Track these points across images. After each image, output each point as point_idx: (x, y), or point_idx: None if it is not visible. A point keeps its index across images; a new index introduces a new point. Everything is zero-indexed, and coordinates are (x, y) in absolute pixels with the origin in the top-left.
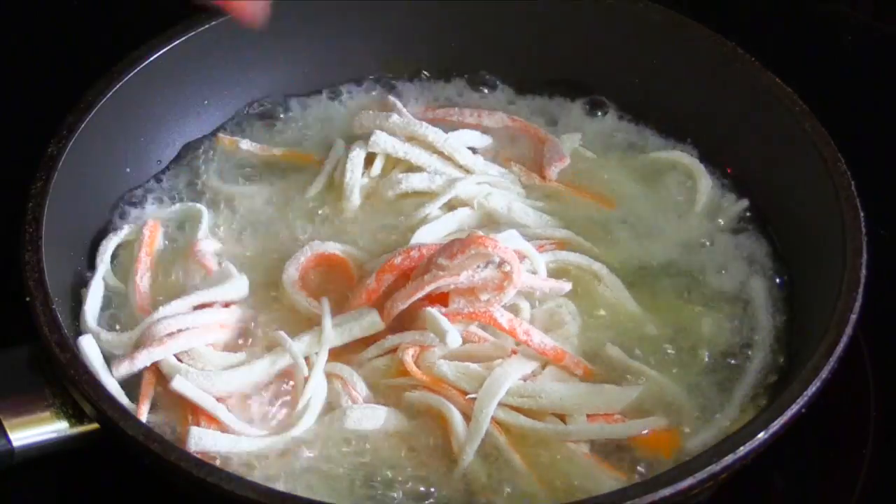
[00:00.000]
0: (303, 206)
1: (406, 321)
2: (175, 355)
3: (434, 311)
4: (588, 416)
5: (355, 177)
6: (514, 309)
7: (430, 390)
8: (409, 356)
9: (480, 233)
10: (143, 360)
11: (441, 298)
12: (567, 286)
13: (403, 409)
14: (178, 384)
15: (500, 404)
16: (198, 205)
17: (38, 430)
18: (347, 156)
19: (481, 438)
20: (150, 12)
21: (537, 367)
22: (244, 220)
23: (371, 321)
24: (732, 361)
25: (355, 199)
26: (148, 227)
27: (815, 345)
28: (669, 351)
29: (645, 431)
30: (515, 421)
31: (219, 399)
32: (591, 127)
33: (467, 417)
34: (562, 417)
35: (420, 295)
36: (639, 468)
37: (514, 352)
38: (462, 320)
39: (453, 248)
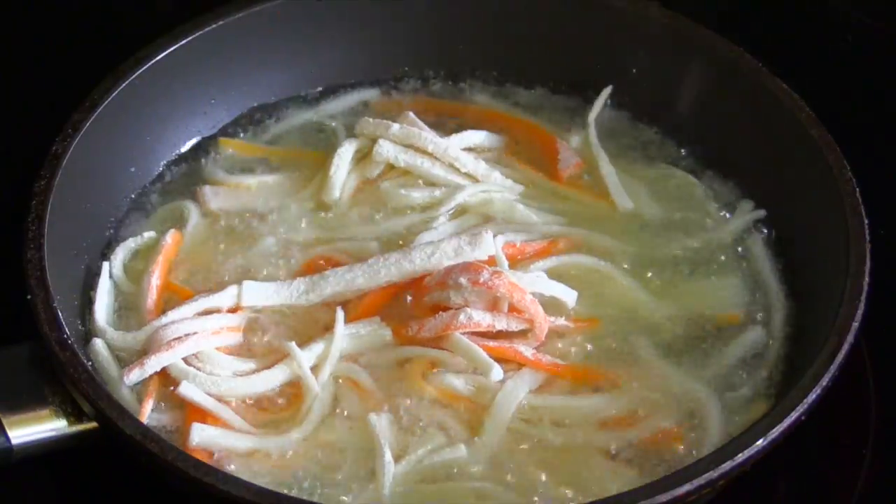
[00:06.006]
0: (304, 203)
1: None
2: (183, 358)
3: (471, 343)
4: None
5: (340, 172)
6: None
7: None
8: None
9: (510, 275)
10: (153, 365)
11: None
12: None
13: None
14: (185, 389)
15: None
16: (186, 202)
17: (37, 429)
18: (336, 150)
19: (493, 449)
20: (157, 11)
21: (546, 376)
22: (245, 218)
23: (383, 337)
24: (743, 357)
25: (336, 191)
26: (171, 234)
27: (817, 352)
28: (681, 343)
29: (665, 425)
30: (527, 429)
31: (224, 400)
32: (596, 128)
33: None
34: None
35: (451, 332)
36: (655, 465)
37: (522, 363)
38: (488, 354)
39: (479, 275)
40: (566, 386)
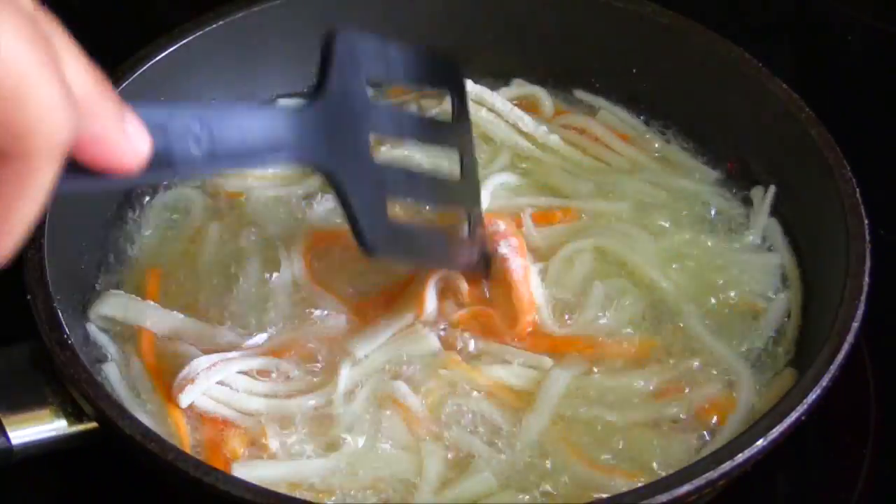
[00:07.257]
0: (304, 197)
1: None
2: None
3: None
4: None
5: None
6: None
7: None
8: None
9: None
10: (183, 403)
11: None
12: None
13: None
14: (202, 402)
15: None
16: (191, 190)
17: (37, 429)
18: None
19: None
20: (157, 11)
21: (588, 365)
22: (244, 212)
23: (429, 346)
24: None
25: None
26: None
27: (817, 351)
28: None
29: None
30: (574, 412)
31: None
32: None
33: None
34: None
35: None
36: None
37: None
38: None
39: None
40: (611, 366)
